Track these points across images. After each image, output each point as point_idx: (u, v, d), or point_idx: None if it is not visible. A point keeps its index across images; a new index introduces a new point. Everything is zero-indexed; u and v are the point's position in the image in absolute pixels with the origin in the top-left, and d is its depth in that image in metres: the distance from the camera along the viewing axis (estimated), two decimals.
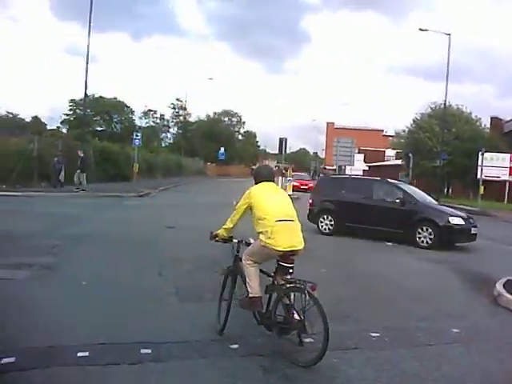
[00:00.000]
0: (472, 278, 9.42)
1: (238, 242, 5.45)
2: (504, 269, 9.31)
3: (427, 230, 12.66)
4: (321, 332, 4.60)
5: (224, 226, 5.46)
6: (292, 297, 4.89)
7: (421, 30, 34.70)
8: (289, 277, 5.02)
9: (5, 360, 4.35)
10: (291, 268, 5.03)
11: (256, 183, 5.41)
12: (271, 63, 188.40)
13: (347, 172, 60.01)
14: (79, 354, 4.54)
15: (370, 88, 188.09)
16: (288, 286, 4.91)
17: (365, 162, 74.47)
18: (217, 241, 5.55)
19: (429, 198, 14.45)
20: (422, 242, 12.66)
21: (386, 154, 78.76)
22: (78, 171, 24.34)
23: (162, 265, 8.67)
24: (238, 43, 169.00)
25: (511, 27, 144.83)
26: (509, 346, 5.62)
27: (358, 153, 66.52)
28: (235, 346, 5.02)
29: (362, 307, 6.84)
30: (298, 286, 4.81)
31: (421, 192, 14.80)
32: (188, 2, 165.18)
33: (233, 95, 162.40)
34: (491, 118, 45.95)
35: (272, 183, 5.43)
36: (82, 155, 24.89)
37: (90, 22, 27.60)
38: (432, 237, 12.55)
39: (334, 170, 59.50)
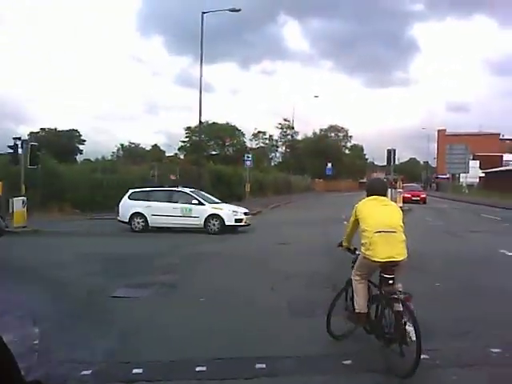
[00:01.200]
0: None
1: (358, 254, 5.52)
2: None
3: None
4: (414, 342, 4.59)
5: (344, 243, 5.81)
6: (398, 307, 4.84)
7: None
8: (390, 288, 5.03)
9: (135, 370, 4.76)
10: (391, 279, 5.03)
11: (368, 196, 5.52)
12: (377, 76, 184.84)
13: (461, 180, 57.22)
14: (197, 369, 4.80)
15: (480, 91, 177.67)
16: (390, 296, 4.94)
17: (480, 168, 70.52)
18: (343, 248, 5.85)
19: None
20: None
21: (504, 159, 73.82)
22: None
23: (274, 280, 8.89)
24: (342, 59, 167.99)
25: None
26: None
27: (473, 159, 63.22)
28: (348, 362, 5.01)
29: (482, 322, 6.50)
30: (394, 296, 4.87)
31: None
32: (292, 24, 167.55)
33: (339, 111, 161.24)
34: None
35: (382, 197, 5.48)
36: (174, 178, 26.30)
37: (201, 54, 29.09)
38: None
39: (448, 178, 56.97)
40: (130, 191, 18.01)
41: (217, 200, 18.80)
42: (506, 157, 72.23)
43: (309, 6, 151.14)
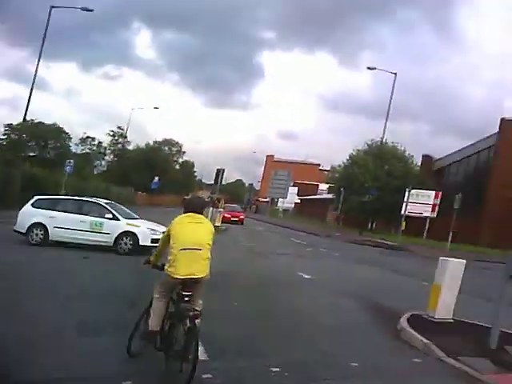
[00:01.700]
0: (379, 312, 9.59)
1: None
2: (411, 303, 9.53)
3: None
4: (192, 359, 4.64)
5: (152, 258, 5.65)
6: (187, 324, 4.86)
7: (369, 68, 36.82)
8: (185, 305, 5.06)
9: None
10: (188, 296, 5.07)
11: (184, 212, 5.49)
12: (220, 96, 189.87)
13: (279, 204, 61.03)
14: None
15: (312, 123, 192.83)
16: (183, 313, 4.96)
17: (298, 194, 75.88)
18: (149, 266, 5.65)
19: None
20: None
21: (320, 188, 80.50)
22: None
23: (68, 296, 8.34)
24: (188, 74, 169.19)
25: (448, 68, 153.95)
26: (402, 381, 5.77)
27: (293, 186, 67.77)
28: (128, 383, 4.82)
29: (269, 342, 6.81)
30: (183, 314, 4.93)
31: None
32: (144, 33, 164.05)
33: (177, 125, 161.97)
34: (423, 156, 48.21)
35: (196, 214, 5.44)
36: None
37: (41, 49, 27.12)
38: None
39: (267, 201, 60.16)
40: (35, 198, 15.58)
41: (136, 216, 16.58)
42: (322, 186, 78.56)
43: (164, 16, 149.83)
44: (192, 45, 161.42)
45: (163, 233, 5.70)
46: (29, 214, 15.07)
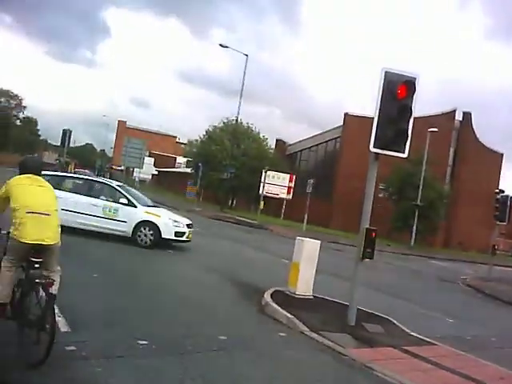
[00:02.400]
0: (243, 287, 9.85)
1: (7, 233, 4.97)
2: (274, 280, 9.94)
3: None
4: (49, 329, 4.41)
5: None
6: (41, 292, 4.62)
7: (221, 45, 36.25)
8: (36, 272, 4.81)
9: None
10: (38, 263, 4.83)
11: (20, 174, 5.14)
12: (63, 49, 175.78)
13: (135, 174, 59.39)
14: None
15: (166, 93, 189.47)
16: (34, 281, 4.69)
17: (155, 166, 74.61)
18: None
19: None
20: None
21: (177, 161, 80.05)
22: None
23: None
24: (25, 19, 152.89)
25: (303, 57, 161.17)
26: (269, 353, 5.97)
27: (149, 156, 66.38)
28: None
29: (131, 314, 6.65)
30: (37, 281, 4.65)
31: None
32: None
33: (14, 76, 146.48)
34: (276, 140, 50.54)
35: (37, 176, 5.17)
36: None
37: None
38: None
39: (122, 170, 58.29)
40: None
41: (151, 202, 14.39)
42: (179, 159, 78.05)
43: None
44: None
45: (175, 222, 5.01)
46: None
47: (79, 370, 4.53)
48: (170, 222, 13.01)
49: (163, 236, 12.78)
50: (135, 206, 13.00)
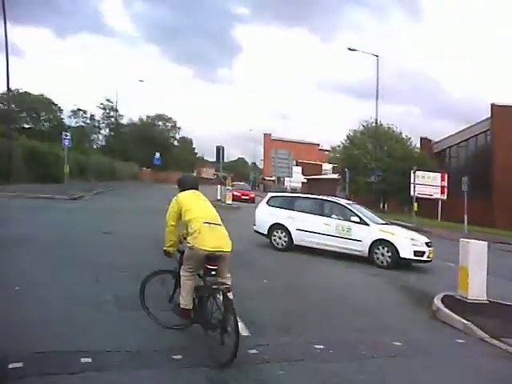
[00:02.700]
0: (412, 292, 9.58)
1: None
2: (442, 284, 9.60)
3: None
4: (232, 332, 4.75)
5: (169, 243, 5.57)
6: (220, 297, 5.02)
7: (350, 49, 35.58)
8: (212, 278, 5.24)
9: None
10: (214, 270, 5.21)
11: (181, 191, 5.62)
12: (202, 70, 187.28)
13: (286, 183, 60.78)
14: (11, 366, 4.27)
15: (302, 102, 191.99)
16: (212, 287, 5.17)
17: (303, 174, 75.63)
18: (173, 251, 5.65)
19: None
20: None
21: (324, 168, 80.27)
22: None
23: (99, 271, 8.31)
24: (167, 47, 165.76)
25: (432, 52, 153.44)
26: (449, 361, 5.75)
27: (296, 165, 67.56)
28: (179, 357, 4.86)
29: (304, 319, 6.82)
30: (215, 287, 5.08)
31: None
32: (114, 1, 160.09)
33: (165, 100, 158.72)
34: (421, 139, 47.96)
35: (196, 191, 5.67)
36: None
37: (4, 9, 26.44)
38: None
39: (273, 180, 60.01)
40: (269, 195, 14.83)
41: (381, 220, 13.93)
42: (325, 166, 78.28)
43: None
44: (167, 17, 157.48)
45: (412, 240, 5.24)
46: (267, 214, 14.04)
47: (264, 372, 4.78)
48: (407, 241, 12.37)
49: (401, 255, 12.14)
50: (367, 224, 12.67)
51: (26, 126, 56.81)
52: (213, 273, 5.21)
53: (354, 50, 35.49)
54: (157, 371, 4.53)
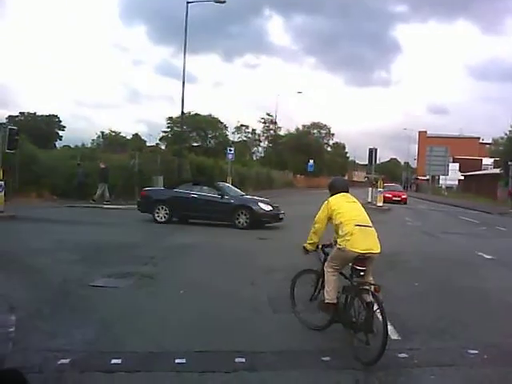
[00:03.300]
0: None
1: (322, 246, 5.84)
2: None
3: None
4: (381, 332, 4.80)
5: (310, 242, 5.86)
6: (367, 298, 5.11)
7: None
8: (360, 279, 5.36)
9: (113, 361, 4.70)
10: (363, 271, 5.30)
11: (332, 195, 5.75)
12: (360, 75, 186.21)
13: (441, 182, 58.14)
14: (177, 361, 4.75)
15: (462, 95, 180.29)
16: (360, 287, 5.29)
17: (460, 171, 71.41)
18: (312, 250, 5.94)
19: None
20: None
21: (483, 163, 74.88)
22: (102, 184, 23.51)
23: (254, 274, 8.88)
24: (324, 56, 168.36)
25: None
26: None
27: (453, 162, 63.98)
28: (327, 359, 5.01)
29: (459, 323, 6.58)
30: (364, 287, 5.21)
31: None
32: (275, 19, 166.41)
33: (322, 108, 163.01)
34: None
35: (346, 193, 5.75)
36: (104, 166, 24.07)
37: (185, 44, 29.06)
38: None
39: (427, 180, 57.52)
40: None
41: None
42: (486, 161, 73.12)
43: (292, 1, 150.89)
44: (324, 27, 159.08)
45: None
46: None
47: (414, 376, 4.76)
48: None
49: None
50: None
51: (195, 144, 61.96)
52: (361, 273, 5.32)
53: None
54: (306, 372, 4.72)
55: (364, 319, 5.04)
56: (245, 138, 76.32)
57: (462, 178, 71.91)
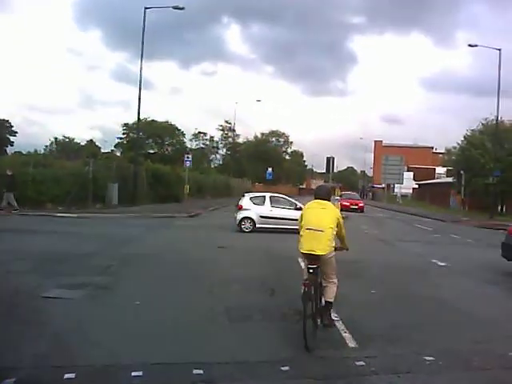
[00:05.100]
0: None
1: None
2: None
3: None
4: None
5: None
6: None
7: (470, 45, 34.98)
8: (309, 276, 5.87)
9: (67, 375, 4.52)
10: (311, 268, 5.83)
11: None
12: (316, 84, 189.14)
13: (396, 190, 59.52)
14: (133, 374, 4.62)
15: (415, 106, 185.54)
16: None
17: (414, 179, 73.21)
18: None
19: None
20: None
21: (437, 172, 77.09)
22: (5, 192, 21.99)
23: (213, 284, 8.78)
24: (282, 65, 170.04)
25: None
26: None
27: (408, 171, 65.58)
28: (286, 368, 4.98)
29: (414, 329, 6.66)
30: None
31: None
32: (234, 28, 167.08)
33: (279, 116, 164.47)
34: None
35: (321, 200, 6.24)
36: (10, 173, 22.69)
37: (142, 50, 28.97)
38: None
39: (383, 188, 58.78)
40: None
41: None
42: (439, 170, 75.24)
43: (251, 10, 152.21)
44: (282, 36, 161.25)
45: None
46: None
47: None
48: None
49: None
50: None
51: (151, 151, 61.19)
52: (310, 271, 5.82)
53: (475, 45, 34.75)
54: (264, 382, 4.70)
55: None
56: (203, 146, 76.03)
57: (417, 186, 73.71)
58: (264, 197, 19.35)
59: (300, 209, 16.31)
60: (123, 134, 62.56)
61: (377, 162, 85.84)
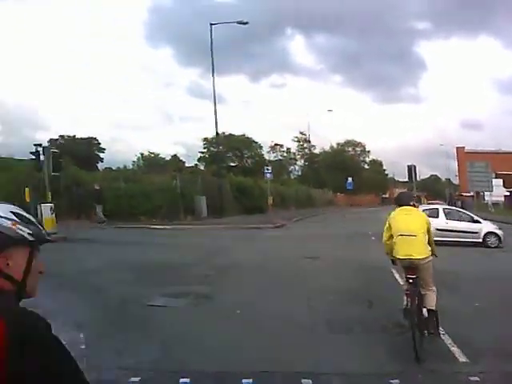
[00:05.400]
0: None
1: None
2: None
3: None
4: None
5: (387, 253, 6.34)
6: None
7: None
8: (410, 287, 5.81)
9: (182, 380, 4.74)
10: (411, 279, 5.74)
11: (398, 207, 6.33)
12: (387, 91, 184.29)
13: (486, 198, 56.63)
14: (244, 381, 4.74)
15: (492, 110, 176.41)
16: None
17: (504, 186, 69.57)
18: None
19: None
20: None
21: None
22: (95, 204, 23.40)
23: (308, 295, 8.80)
24: (351, 74, 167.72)
25: None
26: None
27: (496, 177, 62.45)
28: (396, 381, 4.90)
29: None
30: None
31: None
32: (298, 39, 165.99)
33: (352, 125, 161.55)
34: None
35: (407, 207, 6.21)
36: (98, 188, 24.05)
37: (212, 65, 30.01)
38: None
39: (472, 196, 56.16)
40: None
41: None
42: None
43: (313, 21, 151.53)
44: (347, 45, 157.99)
45: None
46: None
47: None
48: None
49: None
50: None
51: (232, 164, 62.58)
52: (410, 281, 5.72)
53: None
54: None
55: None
56: (280, 157, 76.48)
57: (508, 193, 70.01)
58: (437, 209, 19.09)
59: (478, 222, 17.80)
60: (204, 148, 64.45)
61: (461, 170, 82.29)
